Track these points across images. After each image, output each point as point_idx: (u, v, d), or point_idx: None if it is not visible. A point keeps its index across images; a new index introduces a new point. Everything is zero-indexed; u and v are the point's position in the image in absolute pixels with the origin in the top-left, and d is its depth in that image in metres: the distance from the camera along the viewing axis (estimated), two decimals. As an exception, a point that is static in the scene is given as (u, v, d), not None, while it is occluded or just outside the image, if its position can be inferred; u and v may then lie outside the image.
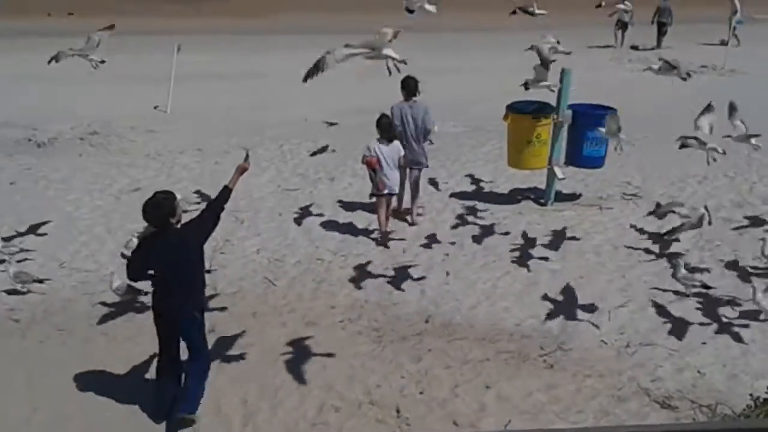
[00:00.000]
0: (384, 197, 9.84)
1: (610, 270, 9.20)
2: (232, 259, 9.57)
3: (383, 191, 9.74)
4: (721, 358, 7.37)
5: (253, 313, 8.34)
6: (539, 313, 8.26)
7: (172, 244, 6.36)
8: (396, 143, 9.72)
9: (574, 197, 11.39)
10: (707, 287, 8.45)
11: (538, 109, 10.66)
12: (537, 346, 7.64)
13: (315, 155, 11.16)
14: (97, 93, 17.68)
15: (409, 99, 10.10)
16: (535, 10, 10.13)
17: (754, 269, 9.04)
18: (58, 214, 10.87)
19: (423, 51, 22.35)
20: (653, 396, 6.80)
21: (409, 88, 10.08)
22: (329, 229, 10.42)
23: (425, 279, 9.05)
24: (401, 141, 9.87)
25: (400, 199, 10.63)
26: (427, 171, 10.96)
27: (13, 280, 8.54)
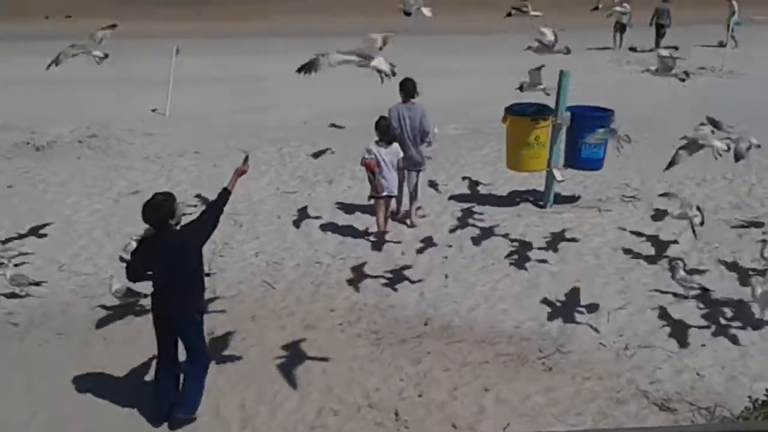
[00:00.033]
0: (382, 199, 9.84)
1: (608, 272, 9.20)
2: (230, 263, 9.56)
3: (382, 193, 9.74)
4: (720, 360, 7.37)
5: (252, 317, 8.34)
6: (538, 316, 8.26)
7: (171, 245, 6.36)
8: (395, 145, 9.72)
9: (572, 199, 11.39)
10: (706, 289, 8.45)
11: (536, 112, 10.67)
12: (536, 348, 7.64)
13: (317, 157, 11.15)
14: (96, 96, 17.70)
15: (408, 101, 10.10)
16: (530, 11, 10.14)
17: (753, 271, 9.03)
18: (56, 217, 10.85)
19: (421, 53, 22.41)
20: (652, 398, 6.80)
21: (408, 89, 10.08)
22: (328, 232, 10.41)
23: (424, 281, 9.04)
24: (399, 143, 9.88)
25: (398, 202, 10.63)
26: (426, 173, 10.96)
27: (10, 283, 8.54)
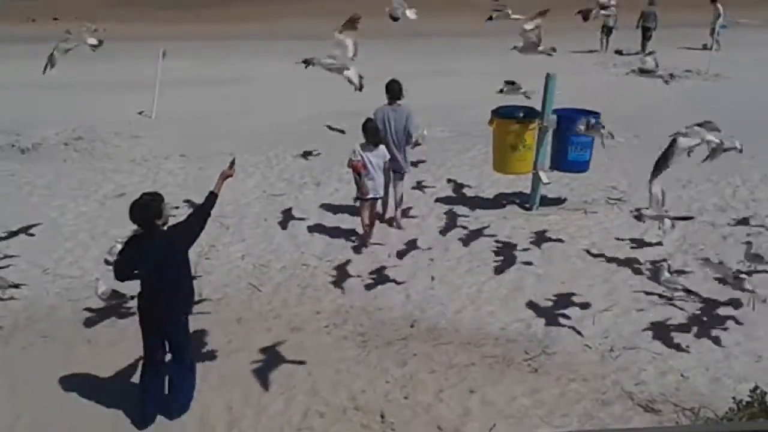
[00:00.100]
0: (368, 202, 9.84)
1: (594, 274, 9.23)
2: (217, 265, 9.54)
3: (367, 196, 9.74)
4: (704, 361, 7.41)
5: (238, 319, 8.33)
6: (524, 318, 8.28)
7: (158, 245, 6.35)
8: (382, 148, 9.72)
9: (559, 202, 11.44)
10: (690, 291, 8.48)
11: (523, 114, 10.71)
12: (521, 350, 7.65)
13: (306, 156, 11.17)
14: (82, 98, 17.65)
15: (393, 102, 10.12)
16: (510, 14, 10.17)
17: (738, 272, 9.07)
18: (42, 220, 10.80)
19: (406, 55, 22.50)
20: (637, 399, 6.82)
21: (393, 91, 10.10)
22: (315, 235, 10.41)
23: (410, 284, 9.05)
24: (384, 144, 9.88)
25: (384, 204, 10.64)
26: (413, 175, 10.97)
27: None
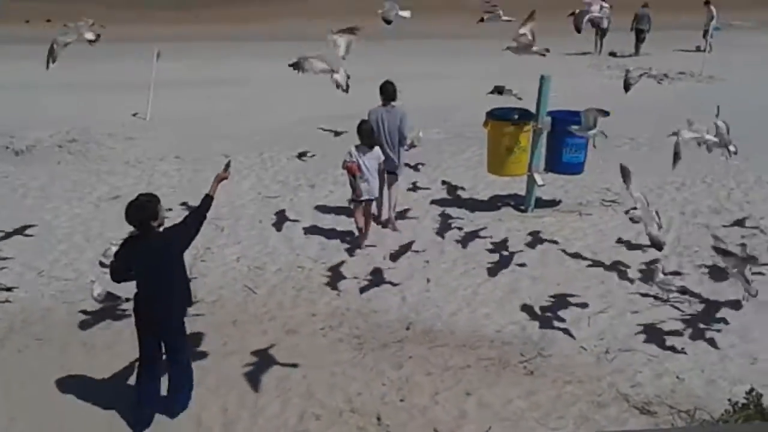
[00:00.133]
0: (362, 203, 9.84)
1: (589, 276, 9.25)
2: (212, 267, 9.52)
3: (361, 197, 9.74)
4: (700, 363, 7.42)
5: (234, 322, 8.31)
6: (519, 320, 8.28)
7: (154, 247, 6.34)
8: (376, 150, 9.71)
9: (553, 204, 11.45)
10: (684, 291, 8.51)
11: (518, 116, 10.72)
12: (517, 352, 7.66)
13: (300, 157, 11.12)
14: (76, 100, 17.60)
15: (387, 104, 10.12)
16: (502, 16, 10.19)
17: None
18: (36, 222, 10.77)
19: (400, 57, 22.50)
20: (632, 401, 6.83)
21: (387, 92, 10.10)
22: (310, 237, 10.40)
23: (406, 286, 9.04)
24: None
25: (379, 206, 10.63)
26: (408, 177, 10.96)
27: None
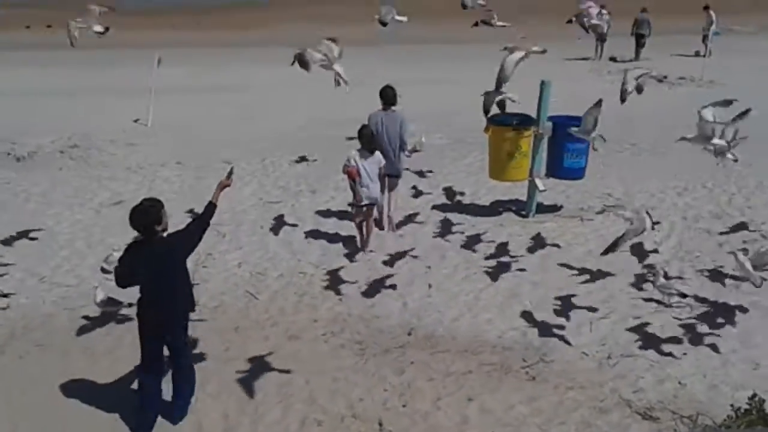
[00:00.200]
0: (363, 208, 9.83)
1: (591, 281, 9.23)
2: (213, 273, 9.53)
3: (361, 202, 9.74)
4: (702, 368, 7.41)
5: (235, 328, 8.31)
6: (521, 325, 8.27)
7: (158, 252, 6.34)
8: (377, 154, 9.72)
9: (555, 209, 11.45)
10: (685, 295, 8.49)
11: (518, 122, 10.73)
12: (519, 358, 7.65)
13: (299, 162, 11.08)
14: (77, 106, 17.63)
15: (387, 108, 10.14)
16: (496, 22, 10.20)
17: (733, 278, 9.09)
18: (38, 228, 10.78)
19: (398, 62, 22.53)
20: (635, 407, 6.81)
21: (387, 97, 10.13)
22: (311, 242, 10.41)
23: (407, 291, 9.04)
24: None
25: (380, 211, 10.63)
26: (409, 182, 10.96)
27: None
